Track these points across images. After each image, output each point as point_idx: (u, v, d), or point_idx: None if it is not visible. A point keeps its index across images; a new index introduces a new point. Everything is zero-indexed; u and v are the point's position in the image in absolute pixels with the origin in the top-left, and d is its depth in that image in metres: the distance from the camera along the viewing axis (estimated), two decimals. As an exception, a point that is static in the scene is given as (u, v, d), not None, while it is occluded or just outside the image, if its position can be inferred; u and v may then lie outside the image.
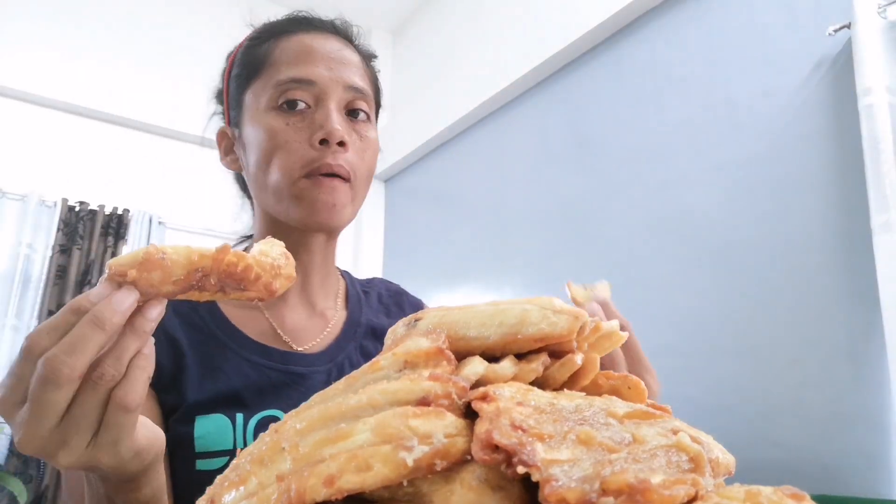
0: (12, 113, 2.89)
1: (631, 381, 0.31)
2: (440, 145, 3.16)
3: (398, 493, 0.26)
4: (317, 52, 0.70)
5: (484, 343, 0.30)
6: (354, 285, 0.84)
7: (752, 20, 1.78)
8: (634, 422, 0.28)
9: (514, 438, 0.24)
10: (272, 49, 0.71)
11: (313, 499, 0.24)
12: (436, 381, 0.27)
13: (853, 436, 1.39)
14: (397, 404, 0.27)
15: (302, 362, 0.70)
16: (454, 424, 0.27)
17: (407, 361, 0.29)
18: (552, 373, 0.30)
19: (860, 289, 1.43)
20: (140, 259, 0.39)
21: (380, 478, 0.24)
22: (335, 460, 0.25)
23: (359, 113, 0.71)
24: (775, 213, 1.63)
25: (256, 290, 0.43)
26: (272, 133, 0.67)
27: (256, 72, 0.71)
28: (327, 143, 0.66)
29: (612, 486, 0.22)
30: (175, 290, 0.40)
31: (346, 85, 0.70)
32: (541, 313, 0.30)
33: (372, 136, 0.73)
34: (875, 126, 1.39)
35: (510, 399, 0.27)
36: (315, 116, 0.68)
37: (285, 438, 0.27)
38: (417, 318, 0.32)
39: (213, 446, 0.63)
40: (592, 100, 2.30)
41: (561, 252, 2.31)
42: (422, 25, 3.53)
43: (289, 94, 0.68)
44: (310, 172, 0.66)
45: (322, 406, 0.28)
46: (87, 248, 2.89)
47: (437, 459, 0.25)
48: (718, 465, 0.26)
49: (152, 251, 0.39)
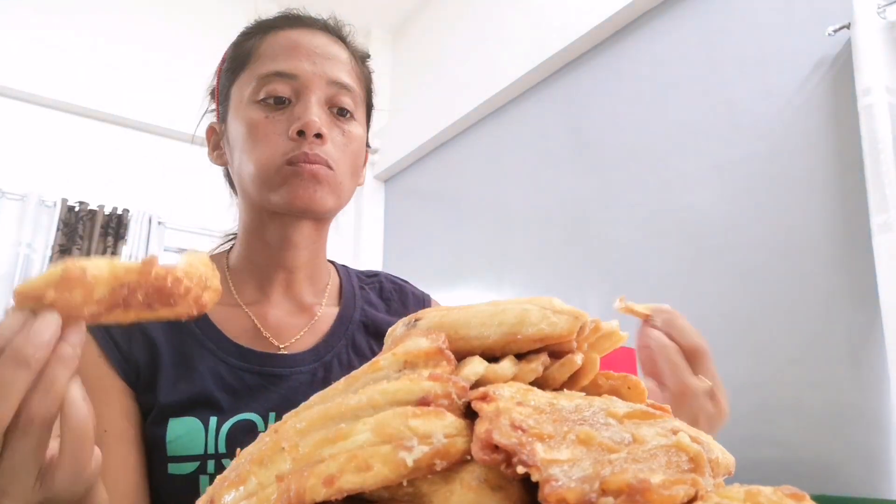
0: (12, 113, 2.89)
1: (631, 380, 0.31)
2: (440, 145, 3.16)
3: (398, 493, 0.26)
4: (302, 46, 0.69)
5: (484, 343, 0.30)
6: (350, 280, 0.82)
7: (752, 20, 1.78)
8: (634, 422, 0.28)
9: (513, 438, 0.24)
10: (259, 44, 0.71)
11: (313, 499, 0.24)
12: (435, 382, 0.27)
13: (853, 436, 1.39)
14: (397, 404, 0.27)
15: (283, 363, 0.68)
16: (454, 425, 0.26)
17: (407, 361, 0.29)
18: (552, 373, 0.30)
19: (859, 289, 1.43)
20: (58, 277, 0.35)
21: (380, 478, 0.24)
22: (335, 460, 0.25)
23: (344, 110, 0.70)
24: (775, 213, 1.63)
25: (186, 305, 0.39)
26: (252, 126, 0.67)
27: (242, 66, 0.71)
28: (304, 134, 0.65)
29: (612, 486, 0.22)
30: (99, 311, 0.36)
31: (330, 80, 0.68)
32: (541, 313, 0.29)
33: (356, 133, 0.71)
34: (874, 126, 1.39)
35: (510, 399, 0.27)
36: (295, 109, 0.67)
37: (285, 438, 0.27)
38: (417, 318, 0.32)
39: (185, 451, 0.62)
40: (592, 100, 2.30)
41: (560, 252, 2.31)
42: (422, 25, 3.53)
43: (270, 88, 0.67)
44: (289, 161, 0.65)
45: (322, 406, 0.28)
46: (87, 248, 2.88)
47: (437, 459, 0.25)
48: (718, 465, 0.26)
49: (71, 267, 0.35)
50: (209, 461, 0.62)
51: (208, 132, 0.78)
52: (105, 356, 0.63)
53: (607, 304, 2.06)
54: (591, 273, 2.16)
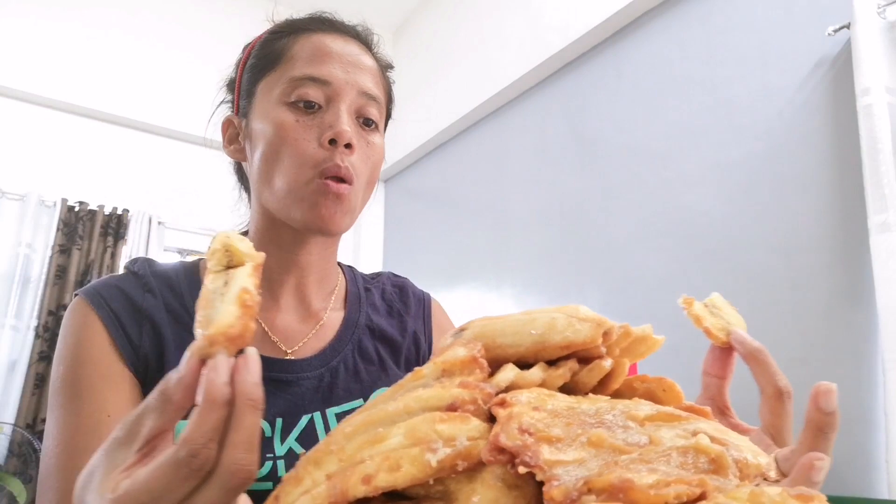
0: (12, 113, 2.88)
1: (666, 383, 0.32)
2: (440, 145, 3.17)
3: (431, 490, 0.28)
4: (334, 53, 0.69)
5: (518, 351, 0.31)
6: (356, 283, 0.82)
7: (752, 20, 1.79)
8: (656, 424, 0.28)
9: (518, 441, 0.26)
10: (291, 44, 0.70)
11: (354, 495, 0.26)
12: (464, 389, 0.29)
13: (852, 436, 1.40)
14: (429, 410, 0.28)
15: (289, 369, 0.68)
16: (477, 428, 0.28)
17: (445, 370, 0.30)
18: (581, 378, 0.31)
19: (858, 288, 1.44)
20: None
21: (408, 477, 0.26)
22: (372, 461, 0.27)
23: (370, 121, 0.70)
24: (774, 213, 1.64)
25: None
26: (281, 128, 0.66)
27: (272, 64, 0.70)
28: (335, 143, 0.65)
29: (598, 485, 0.23)
30: None
31: (360, 90, 0.69)
32: (566, 321, 0.31)
33: (378, 144, 0.72)
34: (874, 126, 1.40)
35: (527, 404, 0.28)
36: (325, 116, 0.67)
37: (334, 442, 0.30)
38: (463, 328, 0.34)
39: None
40: (592, 100, 2.30)
41: (560, 252, 2.32)
42: (422, 25, 3.54)
43: (301, 91, 0.67)
44: (321, 173, 0.65)
45: (366, 412, 0.30)
46: (87, 248, 2.88)
47: (459, 460, 0.27)
48: (748, 465, 0.26)
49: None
50: None
51: (224, 124, 0.77)
52: (114, 344, 0.62)
53: (607, 304, 2.08)
54: (591, 273, 2.17)
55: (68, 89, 2.95)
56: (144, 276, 0.69)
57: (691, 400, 0.36)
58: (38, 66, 2.90)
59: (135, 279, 0.68)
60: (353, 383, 0.71)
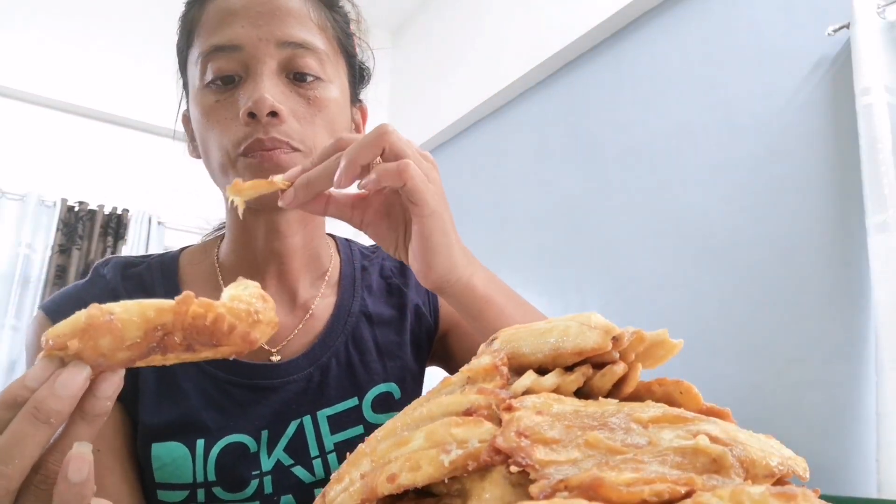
0: (12, 113, 2.88)
1: (683, 385, 0.33)
2: (439, 145, 3.17)
3: (451, 488, 0.30)
4: (239, 8, 0.57)
5: (538, 358, 0.33)
6: (352, 262, 0.73)
7: (752, 20, 1.80)
8: (659, 426, 0.29)
9: (514, 443, 0.27)
10: (199, 13, 0.60)
11: (382, 493, 0.29)
12: (480, 395, 0.31)
13: (850, 436, 1.41)
14: (448, 415, 0.31)
15: (273, 374, 0.62)
16: (489, 431, 0.30)
17: (469, 377, 0.33)
18: (595, 382, 0.33)
19: (856, 289, 1.45)
20: (81, 325, 0.31)
21: (426, 476, 0.29)
22: (397, 462, 0.30)
23: (304, 75, 0.59)
24: (773, 213, 1.65)
25: (232, 343, 0.35)
26: (204, 114, 0.58)
27: (188, 41, 0.62)
28: (256, 116, 0.55)
29: (573, 483, 0.25)
30: (132, 356, 0.33)
31: (280, 40, 0.57)
32: (578, 329, 0.33)
33: (326, 97, 0.60)
34: (873, 126, 1.40)
35: (531, 408, 0.30)
36: (245, 87, 0.57)
37: (369, 444, 0.33)
38: (494, 337, 0.36)
39: (172, 478, 0.57)
40: (592, 100, 2.31)
41: (560, 252, 2.32)
42: (422, 25, 3.54)
43: (214, 66, 0.57)
44: (245, 151, 0.57)
45: (398, 418, 0.33)
46: (87, 248, 2.89)
47: (469, 461, 0.29)
48: (755, 465, 0.27)
49: (96, 312, 0.31)
50: (199, 490, 0.58)
51: (184, 121, 0.69)
52: None
53: (607, 304, 2.08)
54: (591, 273, 2.18)
55: (68, 89, 2.95)
56: (112, 280, 0.64)
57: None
58: (38, 66, 2.90)
59: (102, 283, 0.64)
60: (346, 380, 0.65)
